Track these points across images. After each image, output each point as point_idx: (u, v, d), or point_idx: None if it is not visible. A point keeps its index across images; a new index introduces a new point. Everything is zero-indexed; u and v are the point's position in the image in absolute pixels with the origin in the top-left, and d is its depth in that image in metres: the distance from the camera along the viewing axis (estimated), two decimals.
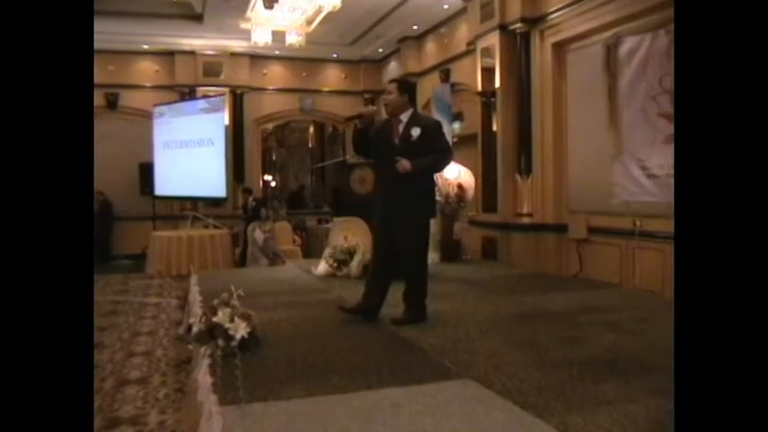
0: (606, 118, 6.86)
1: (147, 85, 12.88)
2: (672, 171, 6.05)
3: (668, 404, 2.67)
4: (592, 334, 3.99)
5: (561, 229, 7.61)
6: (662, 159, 6.20)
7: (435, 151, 4.36)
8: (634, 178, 6.55)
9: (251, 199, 11.38)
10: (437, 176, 7.74)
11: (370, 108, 4.87)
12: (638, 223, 6.46)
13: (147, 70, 12.91)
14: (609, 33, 6.82)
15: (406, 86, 4.55)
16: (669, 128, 6.07)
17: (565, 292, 5.64)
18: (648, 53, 6.31)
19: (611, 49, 6.78)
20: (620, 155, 6.72)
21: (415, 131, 4.29)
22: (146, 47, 12.44)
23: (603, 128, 6.90)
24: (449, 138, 8.61)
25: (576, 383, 2.97)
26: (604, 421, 2.50)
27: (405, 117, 4.37)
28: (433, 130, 4.40)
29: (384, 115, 4.59)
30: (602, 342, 3.80)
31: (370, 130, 4.47)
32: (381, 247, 4.45)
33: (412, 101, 4.50)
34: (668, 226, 6.03)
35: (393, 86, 4.46)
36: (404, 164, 4.19)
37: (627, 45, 6.59)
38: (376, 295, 4.40)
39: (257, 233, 10.15)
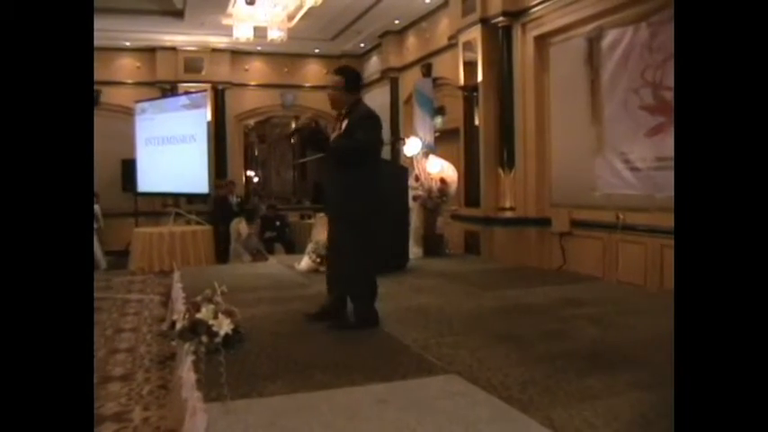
0: (588, 111, 6.88)
1: (129, 81, 12.78)
2: (654, 164, 6.10)
3: (651, 397, 2.70)
4: (575, 328, 4.01)
5: (544, 222, 7.63)
6: (644, 152, 6.23)
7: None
8: (616, 171, 6.58)
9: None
10: (419, 170, 7.80)
11: (305, 118, 4.70)
12: (620, 216, 6.48)
13: (128, 67, 12.80)
14: (591, 26, 6.83)
15: (343, 76, 4.25)
16: (651, 120, 6.11)
17: (547, 285, 5.66)
18: (630, 46, 6.34)
19: (593, 42, 6.80)
20: (603, 148, 6.75)
21: (344, 123, 4.12)
22: (127, 44, 12.34)
23: (586, 121, 6.93)
24: (429, 132, 8.64)
25: (559, 377, 2.98)
26: (589, 415, 2.50)
27: (344, 110, 4.20)
28: (356, 120, 4.09)
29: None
30: (585, 336, 3.82)
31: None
32: (330, 243, 4.37)
33: (353, 88, 4.22)
34: (650, 219, 6.08)
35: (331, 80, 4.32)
36: None
37: (609, 38, 6.62)
38: (333, 292, 4.30)
39: (242, 227, 10.13)
